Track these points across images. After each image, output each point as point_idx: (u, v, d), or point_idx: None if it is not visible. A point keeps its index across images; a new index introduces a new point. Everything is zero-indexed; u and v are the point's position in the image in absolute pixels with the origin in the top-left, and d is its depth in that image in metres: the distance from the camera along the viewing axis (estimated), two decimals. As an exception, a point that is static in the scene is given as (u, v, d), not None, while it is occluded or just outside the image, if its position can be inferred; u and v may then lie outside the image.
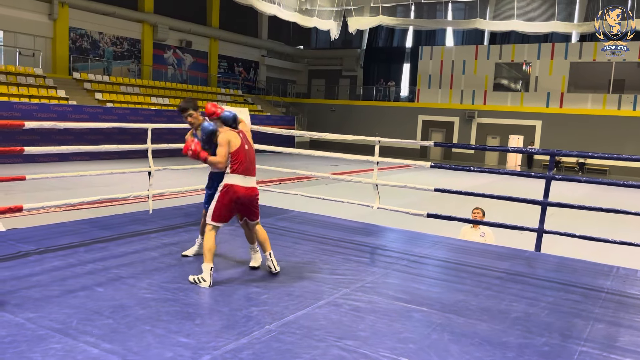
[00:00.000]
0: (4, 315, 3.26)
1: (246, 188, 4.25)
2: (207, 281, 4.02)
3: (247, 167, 4.28)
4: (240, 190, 4.21)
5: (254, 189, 4.33)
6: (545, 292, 4.36)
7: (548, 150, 5.72)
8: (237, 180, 4.22)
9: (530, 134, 28.61)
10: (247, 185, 4.26)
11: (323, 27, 29.66)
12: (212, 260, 4.10)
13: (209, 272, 4.06)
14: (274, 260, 4.42)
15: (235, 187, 4.21)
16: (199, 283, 4.02)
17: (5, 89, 19.37)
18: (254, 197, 4.33)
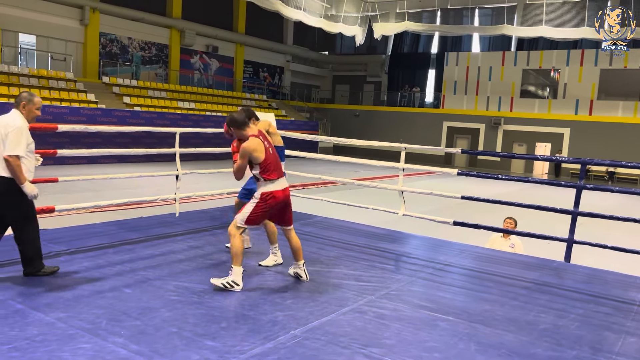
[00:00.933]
0: (36, 314, 3.34)
1: (283, 190, 4.26)
2: (239, 287, 4.01)
3: (278, 171, 4.28)
4: (279, 195, 4.21)
5: (288, 189, 4.36)
6: (575, 303, 4.27)
7: (579, 159, 5.62)
8: (274, 186, 4.19)
9: (558, 142, 28.12)
10: (283, 187, 4.26)
11: (348, 32, 29.72)
12: (241, 261, 4.09)
13: (240, 274, 4.05)
14: (306, 270, 4.42)
15: (275, 193, 4.18)
16: (230, 287, 3.99)
17: (38, 93, 19.87)
18: (289, 198, 4.35)
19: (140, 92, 24.65)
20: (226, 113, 27.21)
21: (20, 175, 3.86)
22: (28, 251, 4.04)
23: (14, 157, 3.82)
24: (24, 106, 3.99)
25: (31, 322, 3.22)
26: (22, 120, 3.95)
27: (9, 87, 19.09)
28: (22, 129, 3.89)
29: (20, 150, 3.85)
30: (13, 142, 3.82)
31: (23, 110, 3.99)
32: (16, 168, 3.83)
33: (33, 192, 3.97)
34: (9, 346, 2.88)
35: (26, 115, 4.01)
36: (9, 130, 3.84)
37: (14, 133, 3.84)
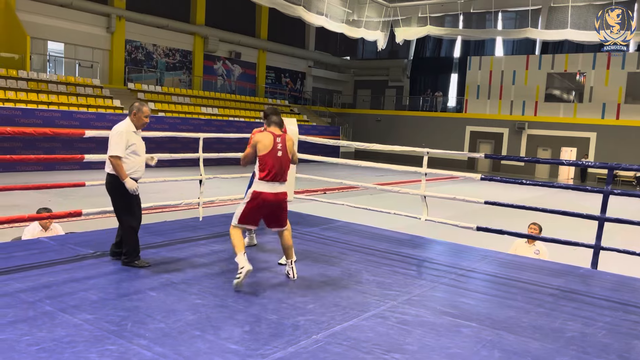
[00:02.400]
0: (63, 316, 3.41)
1: (274, 194, 4.35)
2: (245, 267, 4.08)
3: (276, 174, 4.34)
4: (268, 197, 4.32)
5: (282, 194, 4.41)
6: (603, 311, 4.18)
7: (606, 164, 5.51)
8: (265, 187, 4.32)
9: (583, 146, 27.62)
10: (275, 191, 4.35)
11: (370, 37, 29.73)
12: (243, 247, 4.23)
13: (243, 257, 4.14)
14: (294, 269, 4.50)
15: (264, 194, 4.31)
16: (241, 275, 4.08)
17: (66, 99, 20.33)
18: (281, 202, 4.40)
19: (165, 97, 25.02)
20: (249, 118, 27.53)
21: (120, 172, 4.44)
22: (122, 241, 4.60)
23: (114, 157, 4.43)
24: (135, 114, 4.59)
25: (59, 323, 3.29)
26: (126, 126, 4.53)
27: (37, 94, 19.57)
28: (122, 134, 4.47)
29: (119, 152, 4.44)
30: (112, 144, 4.47)
31: (134, 117, 4.59)
32: (116, 167, 4.44)
33: (132, 187, 4.49)
34: (38, 347, 2.95)
35: (136, 122, 4.60)
36: (112, 135, 4.50)
37: (114, 137, 4.47)
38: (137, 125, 4.64)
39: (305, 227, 6.70)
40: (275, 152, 4.36)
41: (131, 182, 4.50)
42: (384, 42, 30.21)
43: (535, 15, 27.87)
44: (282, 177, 4.40)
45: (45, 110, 18.54)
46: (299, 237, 6.12)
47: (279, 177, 4.37)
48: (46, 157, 5.67)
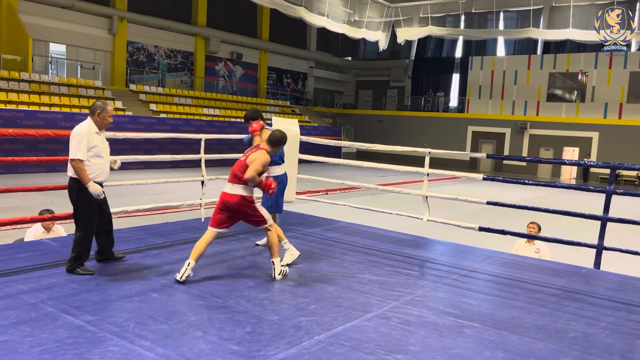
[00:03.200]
0: (66, 317, 3.41)
1: (225, 193, 4.44)
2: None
3: (231, 174, 4.47)
4: (222, 196, 4.45)
5: (231, 195, 4.40)
6: (606, 311, 4.17)
7: (608, 164, 5.50)
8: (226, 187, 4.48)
9: (586, 146, 27.58)
10: (227, 191, 4.44)
11: (371, 38, 29.74)
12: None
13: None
14: (276, 269, 4.51)
15: (222, 193, 4.49)
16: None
17: (68, 101, 20.37)
18: (231, 203, 4.38)
19: (166, 99, 25.06)
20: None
21: (83, 176, 4.24)
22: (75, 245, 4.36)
23: (75, 160, 4.21)
24: (99, 114, 4.36)
25: (61, 325, 3.29)
26: (87, 127, 4.30)
27: (40, 96, 19.61)
28: (83, 135, 4.24)
29: (80, 155, 4.21)
30: (73, 147, 4.23)
31: (97, 118, 4.36)
32: (78, 170, 4.22)
33: (96, 192, 4.30)
34: (40, 348, 2.95)
35: (100, 122, 4.38)
36: (72, 136, 4.26)
37: (74, 138, 4.24)
38: (101, 126, 4.40)
39: (307, 227, 6.70)
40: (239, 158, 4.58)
41: (95, 186, 4.29)
42: (386, 43, 30.21)
43: (536, 15, 27.85)
44: (232, 179, 4.45)
45: (48, 112, 18.58)
46: (301, 237, 6.12)
47: (230, 179, 4.47)
48: (48, 159, 5.68)
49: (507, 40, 32.33)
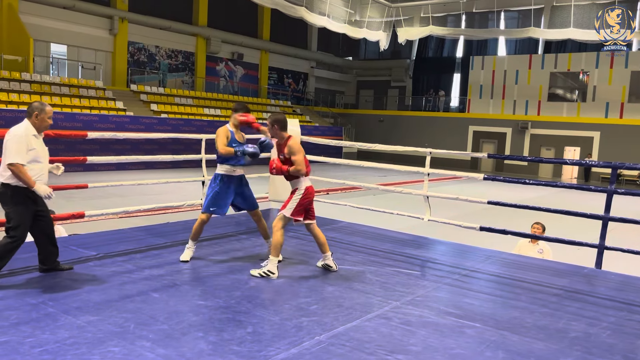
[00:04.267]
0: (66, 317, 3.41)
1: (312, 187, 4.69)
2: (275, 274, 4.45)
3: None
4: (313, 190, 4.68)
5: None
6: (607, 311, 4.16)
7: (609, 163, 5.48)
8: (309, 182, 4.67)
9: (587, 146, 27.55)
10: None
11: (372, 38, 29.72)
12: (279, 254, 4.54)
13: (276, 265, 4.49)
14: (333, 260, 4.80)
15: (310, 188, 4.65)
16: (265, 275, 4.44)
17: (69, 101, 20.39)
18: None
19: (167, 99, 25.07)
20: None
21: (27, 179, 3.91)
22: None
23: (14, 165, 3.87)
24: (37, 116, 4.04)
25: (62, 325, 3.29)
26: (25, 129, 3.99)
27: (41, 96, 19.62)
28: (21, 137, 3.92)
29: (19, 158, 3.88)
30: (10, 150, 3.87)
31: (36, 120, 4.05)
32: (20, 174, 3.88)
33: (46, 192, 4.01)
34: (40, 349, 2.95)
35: (39, 124, 4.07)
36: (9, 138, 3.92)
37: (11, 141, 3.89)
38: (40, 128, 4.09)
39: (308, 227, 6.69)
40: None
41: (42, 186, 4.00)
42: (387, 43, 30.18)
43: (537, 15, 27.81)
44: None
45: (49, 112, 18.57)
46: (302, 237, 6.11)
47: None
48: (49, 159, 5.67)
49: (508, 40, 32.31)
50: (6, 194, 3.97)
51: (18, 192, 3.97)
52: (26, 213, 4.03)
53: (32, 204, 4.07)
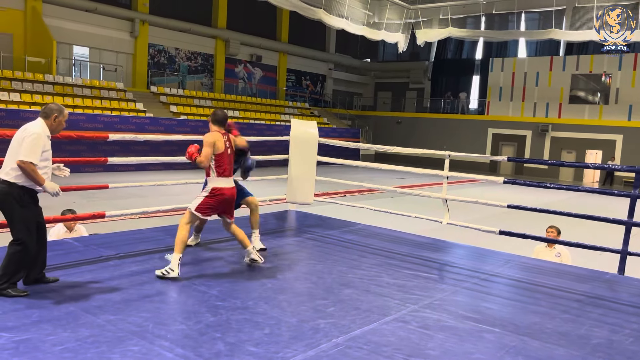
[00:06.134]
0: (87, 316, 3.45)
1: (230, 189, 4.67)
2: (175, 271, 4.30)
3: (230, 170, 4.69)
4: (227, 192, 4.64)
5: (234, 188, 4.77)
6: (630, 318, 4.08)
7: (633, 167, 5.38)
8: (223, 183, 4.62)
9: (609, 149, 27.08)
10: (231, 186, 4.69)
11: (391, 40, 29.63)
12: (182, 250, 4.42)
13: (178, 262, 4.35)
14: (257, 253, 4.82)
15: (224, 189, 4.62)
16: (166, 274, 4.28)
17: (90, 102, 20.71)
18: (233, 198, 4.79)
19: (187, 101, 25.30)
20: (269, 121, 27.67)
21: (37, 177, 3.77)
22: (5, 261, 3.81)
23: (28, 163, 3.72)
24: (55, 118, 3.93)
25: (82, 323, 3.33)
26: (42, 129, 3.87)
27: (63, 98, 19.96)
28: (40, 137, 3.81)
29: (34, 158, 3.75)
30: (27, 148, 3.74)
31: (54, 121, 3.93)
32: (32, 172, 3.74)
33: (55, 190, 3.88)
34: (61, 347, 2.99)
35: (56, 126, 3.96)
36: (26, 135, 3.77)
37: (29, 139, 3.76)
38: (54, 130, 3.97)
39: (325, 229, 6.69)
40: (227, 151, 4.69)
41: (51, 184, 3.87)
42: (405, 44, 30.07)
43: (559, 16, 27.45)
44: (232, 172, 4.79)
45: (71, 114, 18.84)
46: (319, 239, 6.11)
47: (231, 173, 4.73)
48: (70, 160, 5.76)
49: (528, 42, 31.94)
50: (12, 194, 3.77)
51: (25, 193, 3.83)
52: (32, 217, 3.88)
53: (35, 207, 3.94)
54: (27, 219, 3.84)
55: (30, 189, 3.86)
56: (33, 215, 3.90)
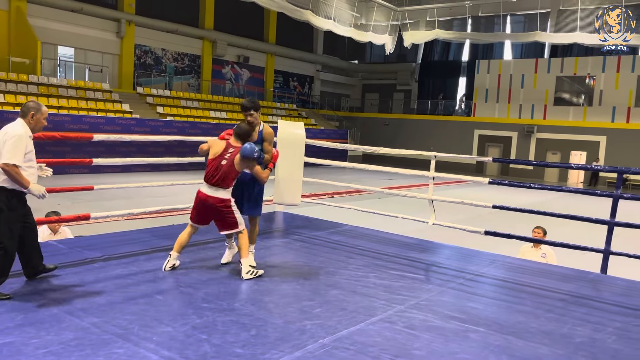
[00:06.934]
0: (71, 319, 3.42)
1: (204, 194, 4.58)
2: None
3: (212, 178, 4.55)
4: (201, 195, 4.60)
5: (215, 198, 4.54)
6: (613, 317, 4.14)
7: (615, 168, 5.46)
8: (202, 187, 4.63)
9: (593, 150, 27.43)
10: (207, 193, 4.57)
11: (378, 41, 29.74)
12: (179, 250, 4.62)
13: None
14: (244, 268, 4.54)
15: (199, 192, 4.63)
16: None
17: (75, 103, 20.50)
18: (211, 206, 4.56)
19: (173, 102, 25.16)
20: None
21: (21, 180, 3.74)
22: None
23: (11, 165, 3.69)
24: (33, 116, 3.89)
25: (66, 326, 3.30)
26: (23, 130, 3.82)
27: (48, 98, 19.75)
28: (21, 138, 3.77)
29: (16, 160, 3.71)
30: (10, 151, 3.70)
31: (31, 120, 3.89)
32: (16, 175, 3.71)
33: (40, 192, 3.86)
34: (45, 350, 2.96)
35: (34, 124, 3.91)
36: (7, 138, 3.73)
37: (11, 141, 3.72)
38: (34, 129, 3.92)
39: (312, 231, 6.70)
40: (219, 158, 4.61)
41: (36, 186, 3.84)
42: (392, 46, 30.20)
43: (544, 19, 27.77)
44: (219, 182, 4.55)
45: (55, 115, 18.70)
46: (306, 240, 6.11)
47: (213, 180, 4.56)
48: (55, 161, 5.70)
49: (514, 44, 32.26)
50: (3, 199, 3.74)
51: (13, 196, 3.79)
52: (17, 220, 3.85)
53: (22, 208, 3.90)
54: (11, 221, 3.79)
55: (18, 192, 3.83)
56: (18, 218, 3.86)
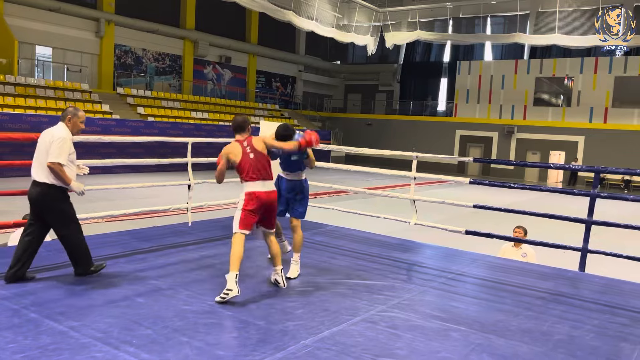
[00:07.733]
0: (49, 323, 3.36)
1: (266, 192, 4.27)
2: (233, 290, 3.87)
3: (260, 173, 4.28)
4: (262, 195, 4.24)
5: (274, 192, 4.37)
6: (591, 314, 4.21)
7: (592, 167, 5.55)
8: (254, 187, 4.24)
9: (572, 150, 27.86)
10: (266, 189, 4.28)
11: (360, 42, 29.82)
12: (238, 267, 4.02)
13: (234, 280, 3.92)
14: (284, 276, 4.39)
15: (257, 193, 4.23)
16: (227, 297, 3.88)
17: (54, 104, 20.18)
18: (273, 201, 4.35)
19: (154, 102, 24.92)
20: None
21: (65, 177, 4.19)
22: (74, 253, 4.37)
23: (57, 164, 4.14)
24: (70, 119, 4.34)
25: (44, 330, 3.25)
26: (66, 132, 4.28)
27: (25, 99, 19.41)
28: (66, 140, 4.22)
29: (62, 159, 4.17)
30: (56, 151, 4.15)
31: (68, 123, 4.33)
32: (60, 172, 4.16)
33: (80, 189, 4.32)
34: (22, 355, 2.91)
35: (71, 128, 4.35)
36: (53, 140, 4.18)
37: (57, 142, 4.17)
38: (72, 131, 4.36)
39: (295, 231, 6.68)
40: (247, 156, 4.31)
41: (77, 183, 4.32)
42: (374, 47, 30.31)
43: (523, 21, 28.13)
44: (268, 175, 4.34)
45: (33, 115, 18.38)
46: (289, 241, 6.10)
47: (264, 175, 4.30)
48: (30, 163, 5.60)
49: (494, 45, 32.60)
50: (51, 193, 4.21)
51: (63, 191, 4.28)
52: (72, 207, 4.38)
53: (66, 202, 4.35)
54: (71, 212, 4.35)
55: (62, 188, 4.28)
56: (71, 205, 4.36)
